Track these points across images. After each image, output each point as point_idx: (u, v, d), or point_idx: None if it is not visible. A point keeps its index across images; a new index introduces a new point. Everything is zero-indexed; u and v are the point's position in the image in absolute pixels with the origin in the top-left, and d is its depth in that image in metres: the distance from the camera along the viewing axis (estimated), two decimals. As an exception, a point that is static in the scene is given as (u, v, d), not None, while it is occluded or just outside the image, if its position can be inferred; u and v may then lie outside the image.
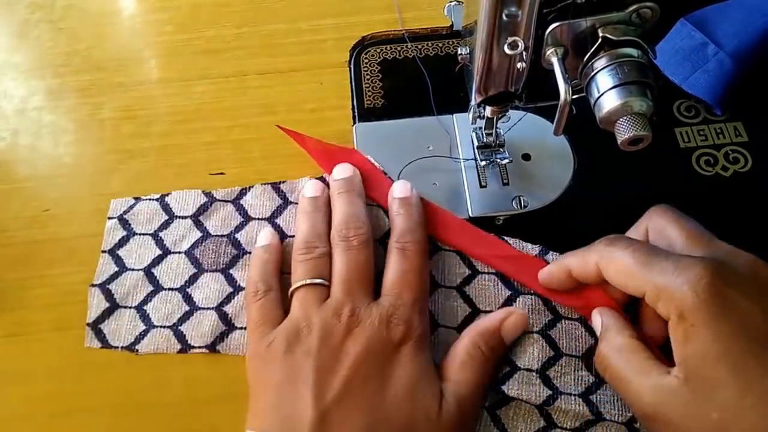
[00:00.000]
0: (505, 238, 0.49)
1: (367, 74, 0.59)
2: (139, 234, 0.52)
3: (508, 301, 0.48)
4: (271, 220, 0.51)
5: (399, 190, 0.50)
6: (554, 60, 0.40)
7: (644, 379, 0.38)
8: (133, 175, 0.55)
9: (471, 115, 0.51)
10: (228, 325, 0.48)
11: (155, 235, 0.52)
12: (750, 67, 0.52)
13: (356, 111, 0.58)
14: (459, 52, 0.47)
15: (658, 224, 0.43)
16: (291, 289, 0.46)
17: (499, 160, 0.52)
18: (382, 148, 0.55)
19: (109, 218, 0.53)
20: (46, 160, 0.57)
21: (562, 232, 0.50)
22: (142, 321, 0.49)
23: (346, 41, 0.61)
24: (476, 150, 0.53)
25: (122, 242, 0.52)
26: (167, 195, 0.53)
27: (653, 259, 0.39)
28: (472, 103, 0.47)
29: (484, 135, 0.52)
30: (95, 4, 0.66)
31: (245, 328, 0.48)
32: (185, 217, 0.52)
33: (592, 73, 0.40)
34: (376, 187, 0.51)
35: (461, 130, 0.55)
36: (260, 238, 0.50)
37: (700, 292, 0.36)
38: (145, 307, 0.49)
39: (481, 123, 0.51)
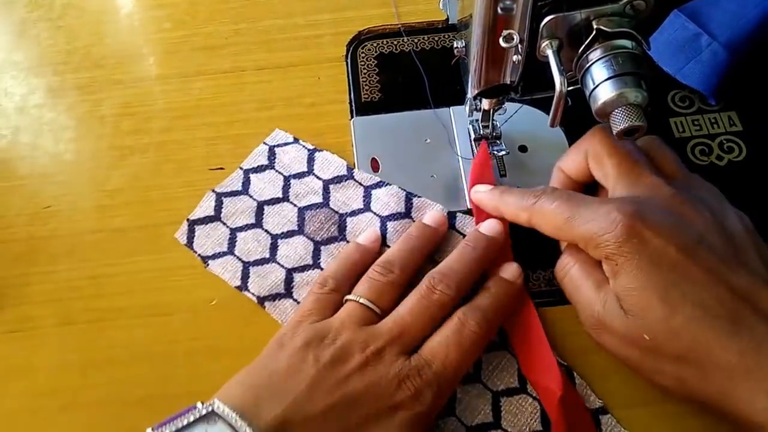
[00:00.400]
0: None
1: (364, 68, 0.60)
2: (276, 170, 0.55)
3: None
4: (385, 221, 0.51)
5: (508, 271, 0.47)
6: (549, 52, 0.40)
7: (597, 292, 0.42)
8: (133, 171, 0.56)
9: (468, 108, 0.52)
10: (287, 290, 0.50)
11: (287, 179, 0.54)
12: (743, 58, 0.52)
13: (354, 105, 0.58)
14: (455, 45, 0.48)
15: (597, 151, 0.46)
16: (346, 297, 0.46)
17: (496, 152, 0.52)
18: (379, 141, 0.55)
19: (264, 143, 0.56)
20: (47, 157, 0.57)
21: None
22: (228, 243, 0.52)
23: (343, 36, 0.62)
24: (473, 142, 0.53)
25: (259, 169, 0.55)
26: (319, 151, 0.55)
27: (576, 211, 0.43)
28: (469, 95, 0.47)
29: (481, 127, 0.52)
30: (94, 2, 0.66)
31: (298, 302, 0.49)
32: (320, 179, 0.54)
33: (587, 65, 0.40)
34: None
35: (458, 123, 0.56)
36: (364, 235, 0.50)
37: (618, 236, 0.40)
38: (237, 233, 0.52)
39: (478, 116, 0.51)
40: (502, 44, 0.41)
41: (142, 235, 0.52)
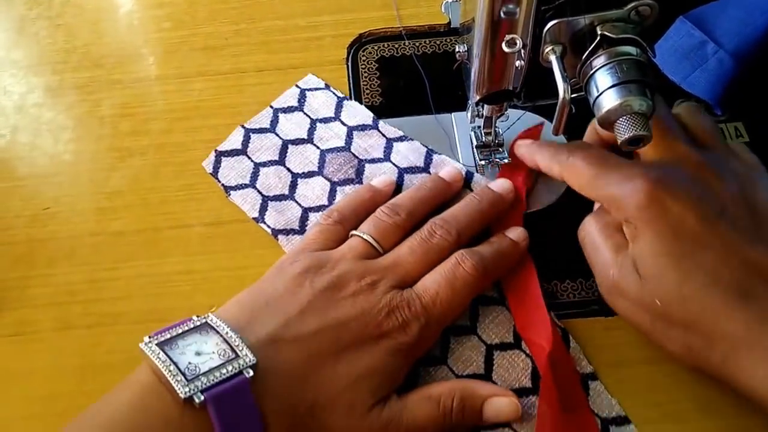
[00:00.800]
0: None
1: (365, 72, 0.59)
2: (304, 113, 0.57)
3: (521, 391, 0.44)
4: (402, 173, 0.53)
5: (515, 232, 0.48)
6: (553, 58, 0.40)
7: (615, 255, 0.43)
8: (132, 173, 0.55)
9: (470, 114, 0.51)
10: (301, 227, 0.52)
11: (313, 122, 0.56)
12: (751, 66, 0.52)
13: (355, 108, 0.57)
14: (457, 49, 0.47)
15: None
16: (351, 232, 0.47)
17: (498, 160, 0.52)
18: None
19: (296, 86, 0.58)
20: (46, 157, 0.57)
21: (562, 235, 0.49)
22: (251, 177, 0.54)
23: (344, 38, 0.61)
24: (475, 149, 0.53)
25: (288, 110, 0.57)
26: (347, 99, 0.57)
27: (604, 171, 0.43)
28: (471, 101, 0.47)
29: (483, 134, 0.52)
30: (93, 1, 0.66)
31: None
32: (345, 125, 0.56)
33: (591, 72, 0.40)
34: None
35: (460, 129, 0.55)
36: (379, 179, 0.51)
37: (640, 201, 0.41)
38: (260, 168, 0.54)
39: (480, 122, 0.51)
40: (505, 49, 0.41)
41: (141, 239, 0.52)
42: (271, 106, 0.57)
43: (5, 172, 0.56)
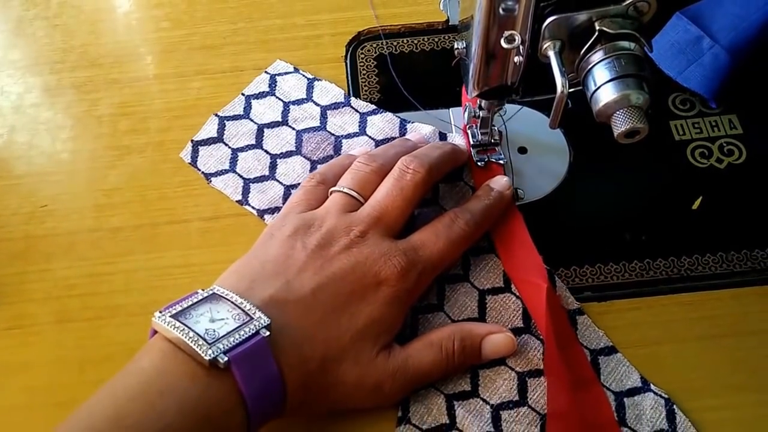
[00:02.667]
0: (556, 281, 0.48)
1: (364, 69, 0.59)
2: (276, 96, 0.58)
3: (514, 331, 0.46)
4: (378, 144, 0.54)
5: (499, 183, 0.50)
6: (551, 53, 0.40)
7: None
8: (130, 171, 0.55)
9: (466, 115, 0.52)
10: (285, 201, 0.52)
11: (286, 105, 0.57)
12: (745, 61, 0.52)
13: (353, 106, 0.58)
14: (455, 46, 0.48)
15: None
16: (330, 189, 0.48)
17: (494, 160, 0.52)
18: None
19: (266, 72, 0.60)
20: (44, 156, 0.57)
21: (557, 225, 0.51)
22: (230, 162, 0.55)
23: (342, 36, 0.61)
24: (471, 149, 0.53)
25: (260, 96, 0.58)
26: (319, 80, 0.59)
27: None
28: (470, 96, 0.47)
29: (479, 134, 0.52)
30: (90, 1, 0.66)
31: None
32: (318, 105, 0.57)
33: (589, 67, 0.40)
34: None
35: (458, 125, 0.55)
36: (357, 150, 0.53)
37: None
38: (238, 153, 0.55)
39: (477, 122, 0.51)
40: (504, 45, 0.41)
41: (139, 234, 0.52)
42: (243, 94, 0.58)
43: (2, 170, 0.56)
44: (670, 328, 0.47)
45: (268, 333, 0.38)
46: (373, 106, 0.57)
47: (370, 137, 0.55)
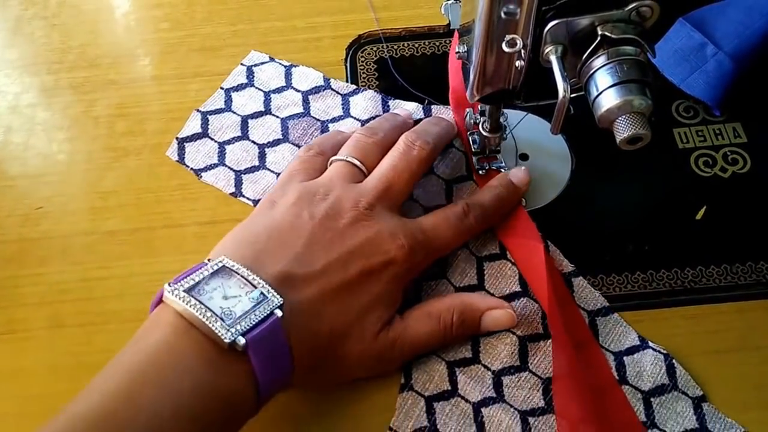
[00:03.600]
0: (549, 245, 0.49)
1: (364, 72, 0.59)
2: (255, 87, 0.58)
3: (512, 296, 0.47)
4: (365, 124, 0.54)
5: (517, 176, 0.50)
6: (553, 58, 0.40)
7: None
8: (126, 173, 0.55)
9: (468, 121, 0.51)
10: None
11: (267, 94, 0.58)
12: (749, 68, 0.52)
13: (353, 110, 0.57)
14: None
15: None
16: (332, 159, 0.48)
17: (495, 168, 0.51)
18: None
19: (242, 64, 0.60)
20: (39, 157, 0.56)
21: (559, 234, 0.50)
22: (218, 156, 0.55)
23: (343, 39, 0.61)
24: (473, 157, 0.52)
25: (239, 87, 0.58)
26: (295, 66, 0.59)
27: None
28: (470, 101, 0.47)
29: (480, 141, 0.52)
30: (89, 1, 0.66)
31: None
32: (298, 91, 0.58)
33: (591, 72, 0.39)
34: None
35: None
36: (346, 128, 0.53)
37: None
38: (225, 146, 0.55)
39: (478, 128, 0.51)
40: (506, 49, 0.40)
41: (135, 238, 0.52)
42: (222, 88, 0.59)
43: (-2, 172, 0.56)
44: (673, 342, 0.46)
45: (281, 314, 0.38)
46: (353, 86, 0.57)
47: (355, 118, 0.56)
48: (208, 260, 0.40)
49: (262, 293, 0.38)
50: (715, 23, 0.52)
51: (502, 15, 0.39)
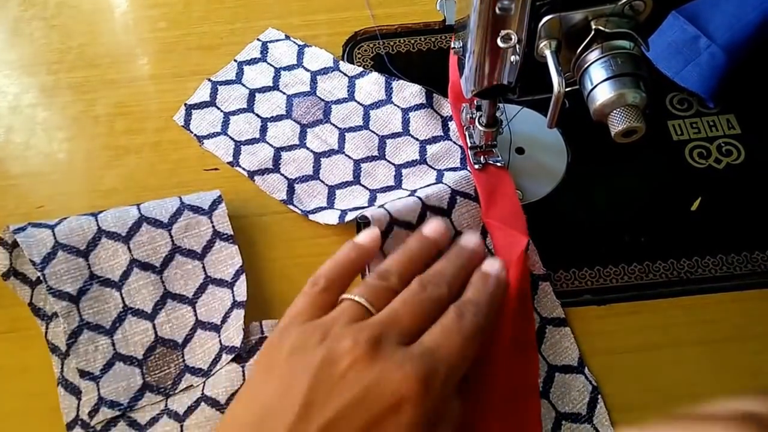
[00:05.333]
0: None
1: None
2: (267, 63, 0.60)
3: None
4: (367, 111, 0.56)
5: (492, 267, 0.44)
6: (547, 53, 0.40)
7: None
8: (127, 171, 0.55)
9: (463, 117, 0.52)
10: (275, 166, 0.54)
11: (277, 71, 0.59)
12: (742, 60, 0.52)
13: (350, 106, 0.57)
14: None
15: None
16: (342, 297, 0.42)
17: (492, 163, 0.52)
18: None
19: (258, 39, 0.61)
20: (40, 156, 0.57)
21: (556, 226, 0.50)
22: (222, 125, 0.57)
23: (339, 36, 0.61)
24: (469, 151, 0.53)
25: (252, 62, 0.60)
26: (308, 46, 0.60)
27: None
28: (466, 96, 0.47)
29: (476, 136, 0.52)
30: (88, 1, 0.66)
31: (285, 176, 0.54)
32: (308, 70, 0.59)
33: (586, 66, 0.40)
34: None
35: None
36: (361, 235, 0.46)
37: None
38: (230, 117, 0.57)
39: (474, 123, 0.51)
40: (500, 44, 0.41)
41: (136, 236, 0.52)
42: (235, 60, 0.60)
43: (-1, 171, 0.56)
44: (670, 332, 0.47)
45: None
46: (361, 69, 0.58)
47: (358, 103, 0.57)
48: None
49: None
50: (708, 16, 0.53)
51: (497, 10, 0.40)
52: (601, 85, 0.39)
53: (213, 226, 0.49)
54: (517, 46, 0.41)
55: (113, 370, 0.45)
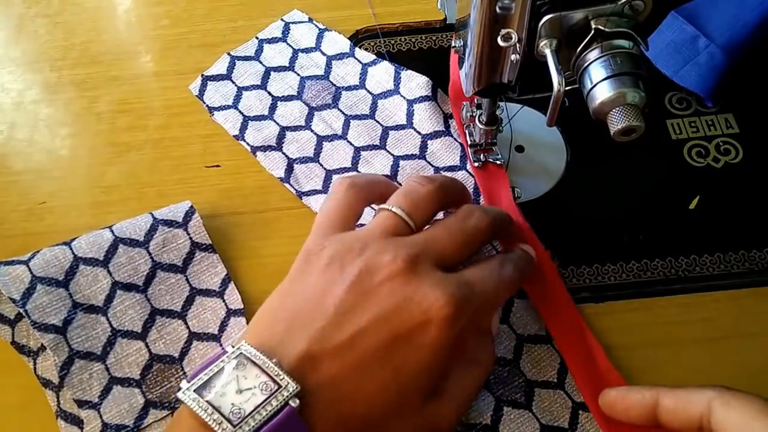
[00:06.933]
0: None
1: (362, 67, 0.60)
2: (287, 43, 0.61)
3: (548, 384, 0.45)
4: (376, 100, 0.57)
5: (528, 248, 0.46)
6: (547, 52, 0.40)
7: None
8: (129, 167, 0.55)
9: (464, 115, 0.52)
10: (278, 144, 0.55)
11: (295, 51, 0.61)
12: (741, 60, 0.52)
13: (351, 104, 0.58)
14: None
15: (737, 422, 0.35)
16: (379, 207, 0.42)
17: (491, 161, 0.52)
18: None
19: (282, 19, 0.63)
20: (43, 153, 0.57)
21: (555, 224, 0.51)
22: (234, 99, 0.58)
23: (341, 34, 0.61)
24: (469, 149, 0.53)
25: (273, 40, 0.61)
26: (329, 30, 0.61)
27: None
28: (467, 94, 0.47)
29: (477, 134, 0.52)
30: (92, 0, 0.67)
31: (287, 156, 0.54)
32: (324, 54, 0.60)
33: (585, 65, 0.40)
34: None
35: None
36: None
37: None
38: (243, 92, 0.58)
39: (474, 121, 0.51)
40: (501, 43, 0.41)
41: (138, 232, 0.52)
42: (257, 37, 0.61)
43: (2, 167, 0.56)
44: (667, 330, 0.47)
45: (297, 402, 0.34)
46: (374, 56, 0.59)
47: (368, 91, 0.57)
48: (232, 346, 0.37)
49: (276, 382, 0.35)
50: (707, 16, 0.53)
51: (498, 9, 0.40)
52: (600, 84, 0.39)
53: (190, 238, 0.49)
54: (518, 44, 0.41)
55: (112, 394, 0.45)
